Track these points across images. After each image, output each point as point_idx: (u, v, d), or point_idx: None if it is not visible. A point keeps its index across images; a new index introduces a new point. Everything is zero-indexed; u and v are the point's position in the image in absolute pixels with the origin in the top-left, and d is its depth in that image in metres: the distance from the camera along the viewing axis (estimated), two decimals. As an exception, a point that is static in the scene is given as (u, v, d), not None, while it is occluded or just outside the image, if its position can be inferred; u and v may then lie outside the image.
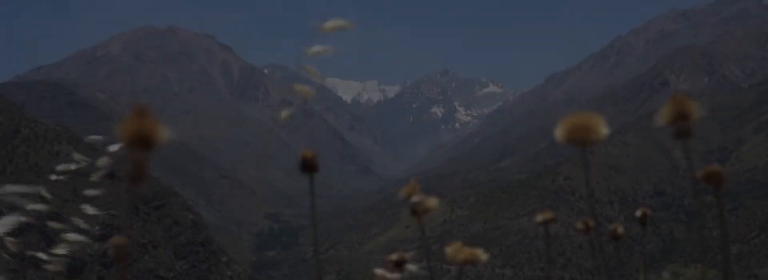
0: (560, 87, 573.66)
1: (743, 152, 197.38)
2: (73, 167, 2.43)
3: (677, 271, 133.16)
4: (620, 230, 2.20)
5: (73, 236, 2.35)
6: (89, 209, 2.34)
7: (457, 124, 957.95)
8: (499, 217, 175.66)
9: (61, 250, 2.37)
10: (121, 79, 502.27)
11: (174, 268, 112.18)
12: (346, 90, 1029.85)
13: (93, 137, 3.37)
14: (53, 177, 2.90)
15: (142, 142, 1.24)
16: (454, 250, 1.87)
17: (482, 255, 1.89)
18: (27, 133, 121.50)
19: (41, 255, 2.48)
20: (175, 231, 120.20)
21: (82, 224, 2.36)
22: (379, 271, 1.99)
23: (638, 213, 2.30)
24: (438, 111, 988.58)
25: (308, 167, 1.69)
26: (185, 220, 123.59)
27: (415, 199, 1.86)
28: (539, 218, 2.05)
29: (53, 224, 2.79)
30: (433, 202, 1.88)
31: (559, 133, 1.49)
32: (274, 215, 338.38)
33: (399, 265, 1.98)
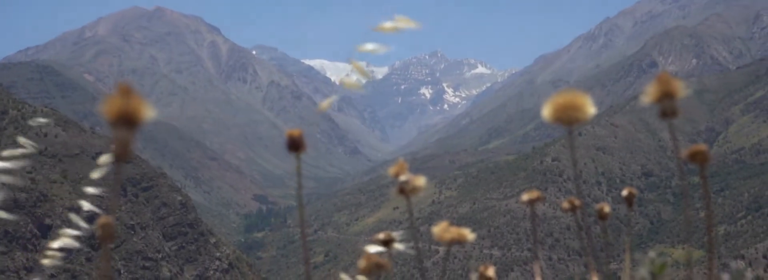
0: (549, 68, 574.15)
1: (731, 133, 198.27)
2: (19, 151, 2.35)
3: (664, 251, 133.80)
4: (606, 209, 2.18)
5: (68, 232, 2.29)
6: (91, 190, 2.24)
7: (445, 106, 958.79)
8: (487, 198, 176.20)
9: (57, 243, 2.30)
10: (108, 61, 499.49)
11: (162, 249, 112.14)
12: (335, 71, 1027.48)
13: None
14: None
15: (126, 121, 1.21)
16: (441, 229, 1.85)
17: (469, 235, 1.87)
18: (14, 115, 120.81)
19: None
20: (163, 212, 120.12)
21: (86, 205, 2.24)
22: (368, 248, 1.92)
23: (624, 193, 2.30)
24: (426, 92, 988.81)
25: (295, 145, 1.66)
26: (173, 201, 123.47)
27: (402, 178, 1.83)
28: (525, 197, 2.03)
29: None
30: (420, 181, 1.85)
31: (546, 112, 1.49)
32: (262, 196, 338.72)
33: (386, 244, 1.93)
